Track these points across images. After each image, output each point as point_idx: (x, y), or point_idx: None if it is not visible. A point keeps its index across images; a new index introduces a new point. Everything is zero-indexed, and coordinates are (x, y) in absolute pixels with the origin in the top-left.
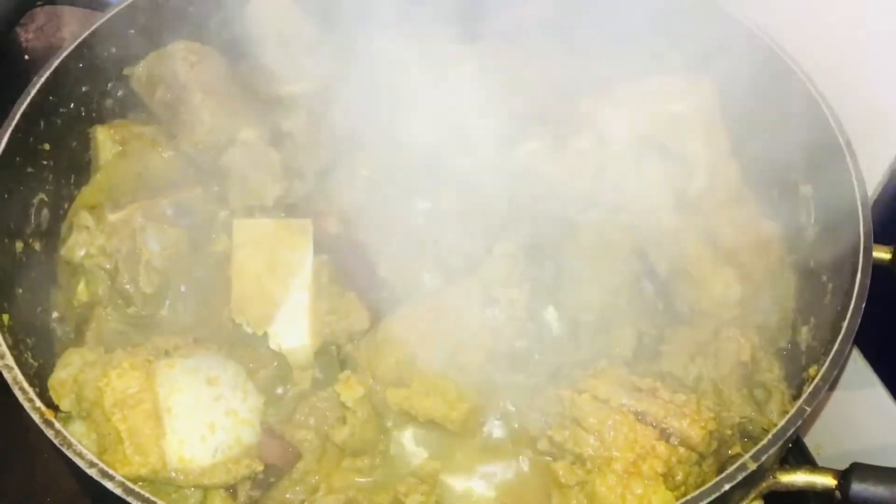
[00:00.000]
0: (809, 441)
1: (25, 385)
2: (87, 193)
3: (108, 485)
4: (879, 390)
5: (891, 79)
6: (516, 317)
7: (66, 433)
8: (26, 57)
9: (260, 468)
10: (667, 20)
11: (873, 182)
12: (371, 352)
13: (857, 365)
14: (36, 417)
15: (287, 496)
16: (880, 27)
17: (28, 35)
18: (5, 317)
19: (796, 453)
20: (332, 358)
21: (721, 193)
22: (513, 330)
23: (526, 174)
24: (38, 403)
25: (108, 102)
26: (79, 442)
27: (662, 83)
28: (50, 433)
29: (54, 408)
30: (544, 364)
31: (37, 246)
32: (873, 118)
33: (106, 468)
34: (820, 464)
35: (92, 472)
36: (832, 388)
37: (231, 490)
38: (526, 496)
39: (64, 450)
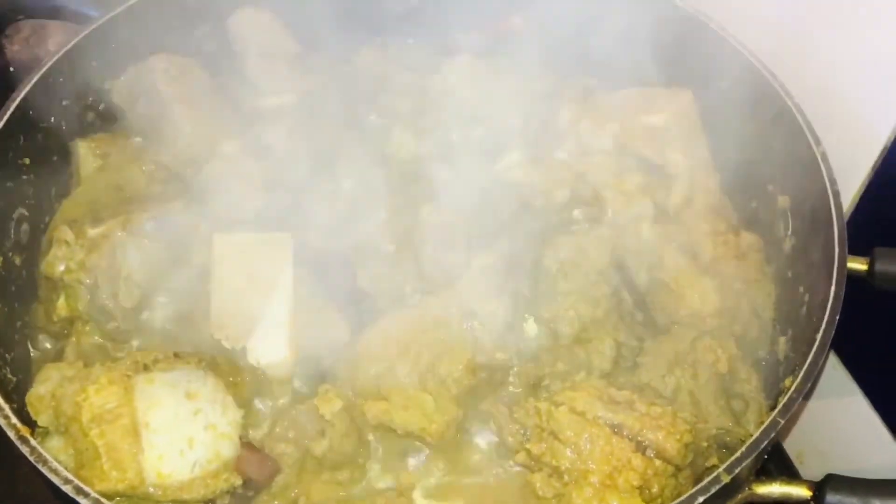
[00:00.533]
0: (791, 449)
1: (1, 401)
2: (67, 207)
3: (83, 501)
4: (859, 399)
5: (866, 92)
6: (495, 329)
7: (41, 450)
8: (11, 69)
9: (239, 482)
10: (647, 34)
11: (849, 194)
12: (350, 364)
13: (838, 374)
14: (11, 434)
15: None
16: (857, 42)
17: (13, 47)
18: None
19: (777, 462)
20: (312, 371)
21: (700, 204)
22: (492, 342)
23: (506, 186)
24: (14, 420)
25: (90, 116)
26: (56, 457)
27: (643, 95)
28: (25, 450)
29: (32, 423)
30: (523, 376)
31: (17, 260)
32: (849, 131)
33: (81, 485)
34: (801, 472)
35: (67, 489)
36: (808, 397)
37: None
38: None
39: (39, 466)
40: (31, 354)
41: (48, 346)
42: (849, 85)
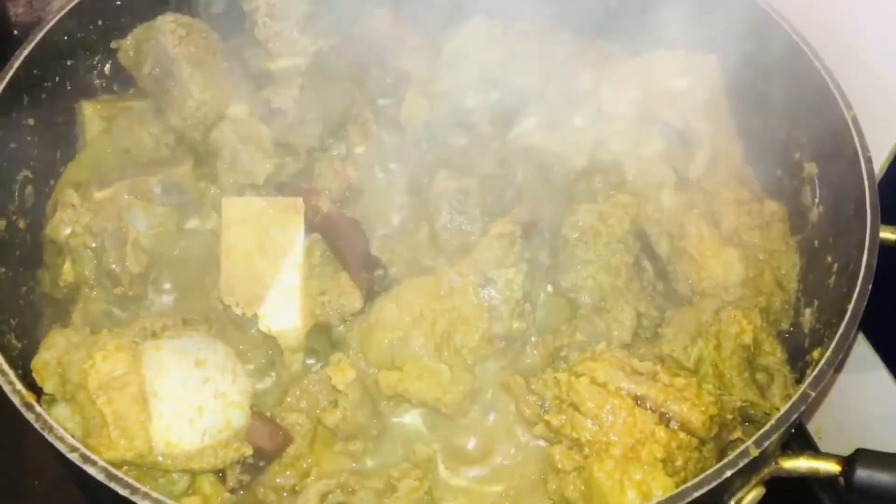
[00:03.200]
0: (810, 425)
1: (5, 367)
2: (72, 170)
3: (90, 470)
4: (883, 374)
5: None
6: (513, 298)
7: (46, 417)
8: (15, 32)
9: (249, 452)
10: None
11: (880, 160)
12: (364, 333)
13: (861, 348)
14: (16, 400)
15: (278, 481)
16: (888, 5)
17: (17, 10)
18: None
19: (798, 437)
20: (324, 339)
21: (723, 172)
22: (509, 311)
23: (524, 152)
24: (19, 386)
25: (95, 77)
26: (63, 425)
27: (665, 59)
28: (30, 416)
29: (38, 390)
30: (541, 346)
31: (21, 224)
32: (881, 95)
33: (88, 452)
34: (821, 448)
35: (73, 457)
36: (837, 371)
37: (220, 474)
38: (521, 481)
39: (45, 434)
40: (37, 320)
41: (54, 311)
42: (881, 49)
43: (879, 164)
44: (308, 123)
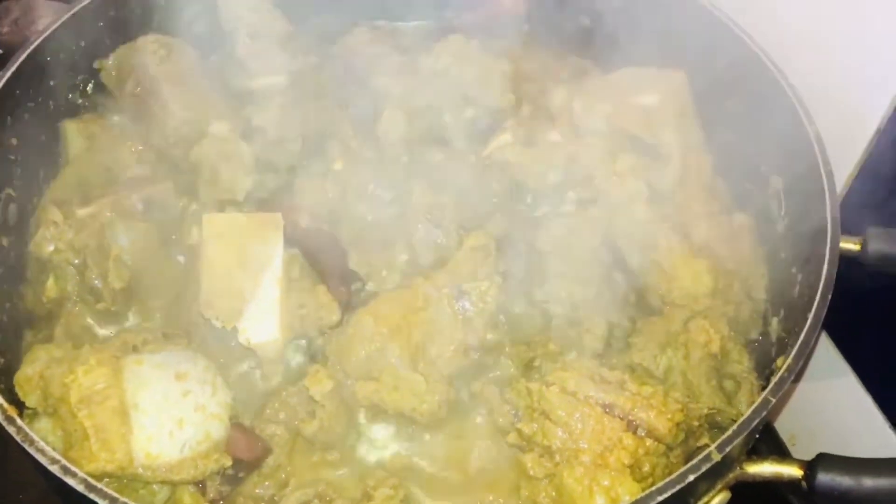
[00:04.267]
0: (783, 431)
1: None
2: (56, 188)
3: (70, 481)
4: (852, 380)
5: (860, 73)
6: (486, 310)
7: (27, 430)
8: (1, 51)
9: (229, 463)
10: (640, 13)
11: (843, 174)
12: (341, 345)
13: (830, 355)
14: None
15: (257, 491)
16: (851, 23)
17: (2, 29)
18: None
19: (769, 443)
20: (303, 352)
21: (693, 185)
22: (483, 323)
23: (499, 167)
24: (0, 400)
25: (78, 96)
26: (45, 439)
27: (635, 75)
28: (11, 430)
29: (20, 405)
30: (515, 357)
31: (4, 241)
32: (843, 110)
33: (68, 465)
34: (794, 454)
35: (54, 469)
36: (798, 378)
37: (200, 486)
38: (495, 489)
39: (26, 446)
40: (20, 336)
41: (37, 327)
42: (843, 64)
43: (842, 179)
44: (288, 141)
